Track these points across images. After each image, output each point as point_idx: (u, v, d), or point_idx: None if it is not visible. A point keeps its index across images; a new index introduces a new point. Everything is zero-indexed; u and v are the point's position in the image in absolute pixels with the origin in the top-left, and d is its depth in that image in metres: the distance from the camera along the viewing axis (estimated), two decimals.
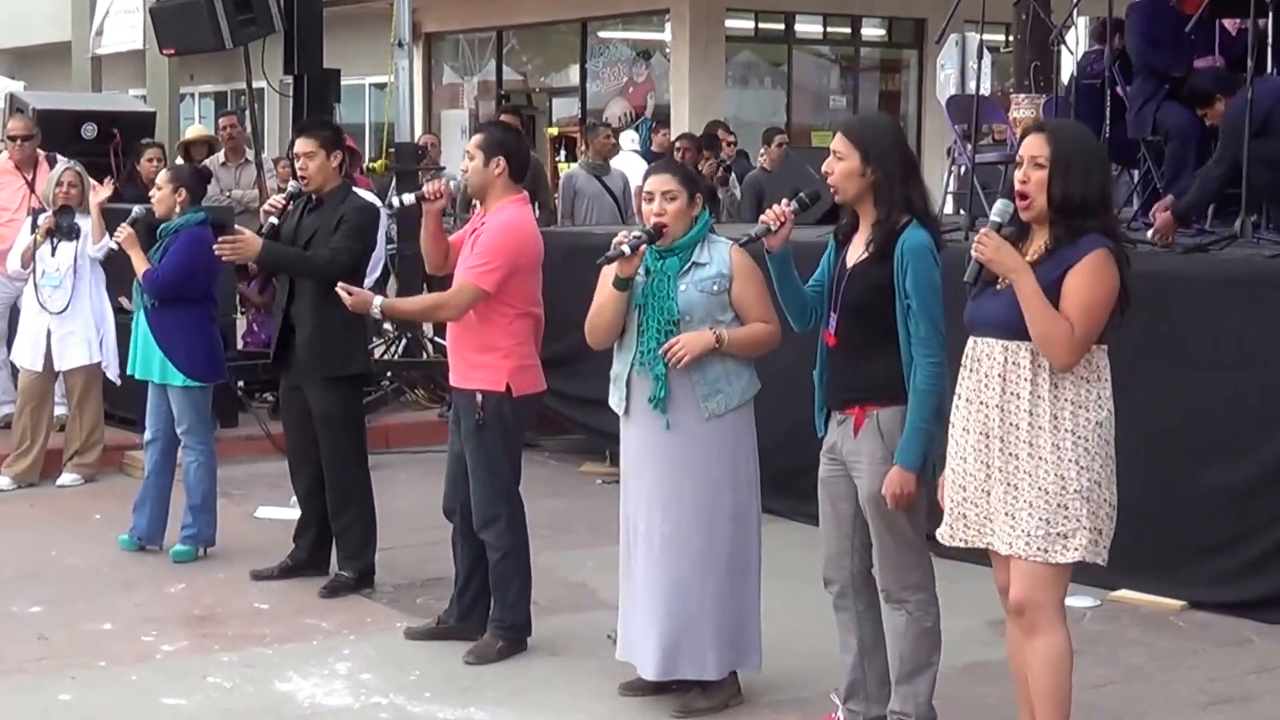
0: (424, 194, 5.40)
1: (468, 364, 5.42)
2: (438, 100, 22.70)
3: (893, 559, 4.41)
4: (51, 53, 25.15)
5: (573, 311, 5.32)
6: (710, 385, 4.77)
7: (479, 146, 5.41)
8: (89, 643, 5.68)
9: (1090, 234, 3.88)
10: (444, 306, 5.56)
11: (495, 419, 5.34)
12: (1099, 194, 3.93)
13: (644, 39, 20.49)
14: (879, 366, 4.35)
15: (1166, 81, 7.65)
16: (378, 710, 5.02)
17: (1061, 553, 3.91)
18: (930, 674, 4.46)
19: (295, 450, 6.37)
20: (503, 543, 5.42)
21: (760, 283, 4.79)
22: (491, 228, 5.37)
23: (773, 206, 4.44)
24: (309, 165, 6.11)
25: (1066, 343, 3.86)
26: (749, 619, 4.92)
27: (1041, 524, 3.90)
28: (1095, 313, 3.88)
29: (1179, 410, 5.93)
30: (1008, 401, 3.95)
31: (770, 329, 4.81)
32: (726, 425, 4.80)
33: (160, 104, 18.41)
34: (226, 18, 9.25)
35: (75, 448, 8.22)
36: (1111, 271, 3.88)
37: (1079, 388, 3.92)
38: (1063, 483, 3.89)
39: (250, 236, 6.06)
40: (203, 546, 6.75)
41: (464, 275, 5.36)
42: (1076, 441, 3.90)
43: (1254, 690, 5.15)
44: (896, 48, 21.20)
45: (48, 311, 7.96)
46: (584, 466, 8.62)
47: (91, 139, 10.10)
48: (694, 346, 4.72)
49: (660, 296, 4.77)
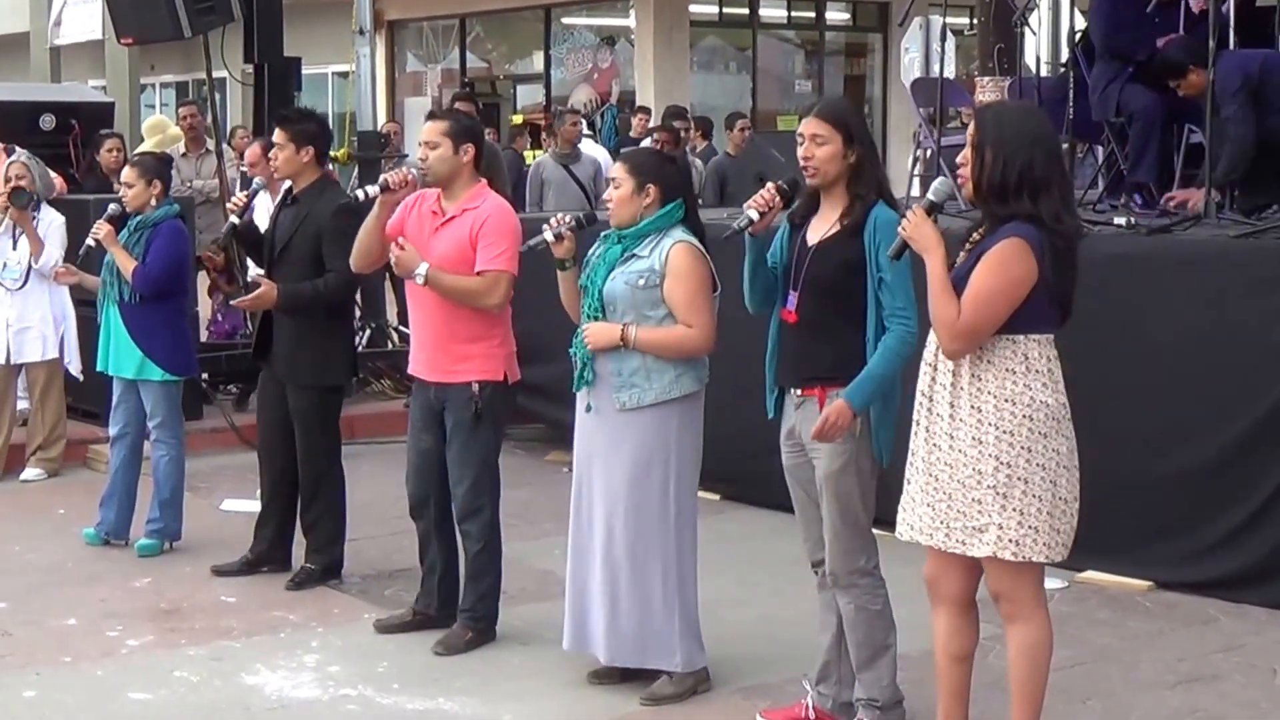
0: (388, 183, 5.33)
1: (456, 355, 5.29)
2: (401, 88, 22.62)
3: (842, 542, 4.43)
4: (9, 44, 24.94)
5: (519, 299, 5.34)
6: (625, 378, 4.76)
7: (444, 134, 5.28)
8: (53, 638, 5.63)
9: (1013, 221, 3.82)
10: (486, 294, 5.20)
11: (492, 409, 5.31)
12: (1020, 180, 3.81)
13: (608, 25, 20.46)
14: (840, 346, 4.35)
15: (1129, 64, 7.66)
16: (346, 702, 5.00)
17: (978, 546, 3.88)
18: (889, 656, 4.50)
19: (266, 440, 6.32)
20: (485, 535, 5.39)
21: (694, 286, 4.73)
22: (494, 213, 5.28)
23: (760, 192, 4.42)
24: (278, 155, 6.08)
25: (948, 328, 3.82)
26: (653, 614, 4.83)
27: (959, 516, 3.89)
28: (988, 302, 3.80)
29: (1143, 390, 5.94)
30: (936, 391, 3.94)
31: (688, 334, 4.73)
32: (643, 420, 4.76)
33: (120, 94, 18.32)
34: (185, 6, 9.18)
35: (38, 442, 8.16)
36: (1018, 261, 3.78)
37: (1003, 380, 3.85)
38: (979, 477, 3.86)
39: (268, 286, 5.96)
40: (169, 540, 6.71)
41: (493, 264, 5.20)
42: (1000, 436, 3.84)
43: (1221, 669, 5.17)
44: (861, 31, 21.24)
45: (6, 289, 7.87)
46: (550, 455, 8.60)
47: (50, 130, 10.02)
48: (598, 337, 4.75)
49: (593, 283, 4.80)
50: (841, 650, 4.60)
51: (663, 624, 4.84)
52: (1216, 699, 4.93)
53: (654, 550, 4.82)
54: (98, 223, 6.62)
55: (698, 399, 4.86)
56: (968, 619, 4.10)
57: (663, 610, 4.83)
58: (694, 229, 4.85)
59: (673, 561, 4.83)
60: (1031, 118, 4.02)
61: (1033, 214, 3.82)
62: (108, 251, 6.63)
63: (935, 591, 4.10)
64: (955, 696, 4.12)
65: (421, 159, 5.34)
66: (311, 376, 6.07)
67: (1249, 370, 5.67)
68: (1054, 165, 3.90)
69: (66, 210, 8.23)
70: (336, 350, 6.18)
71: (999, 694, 4.48)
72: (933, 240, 3.89)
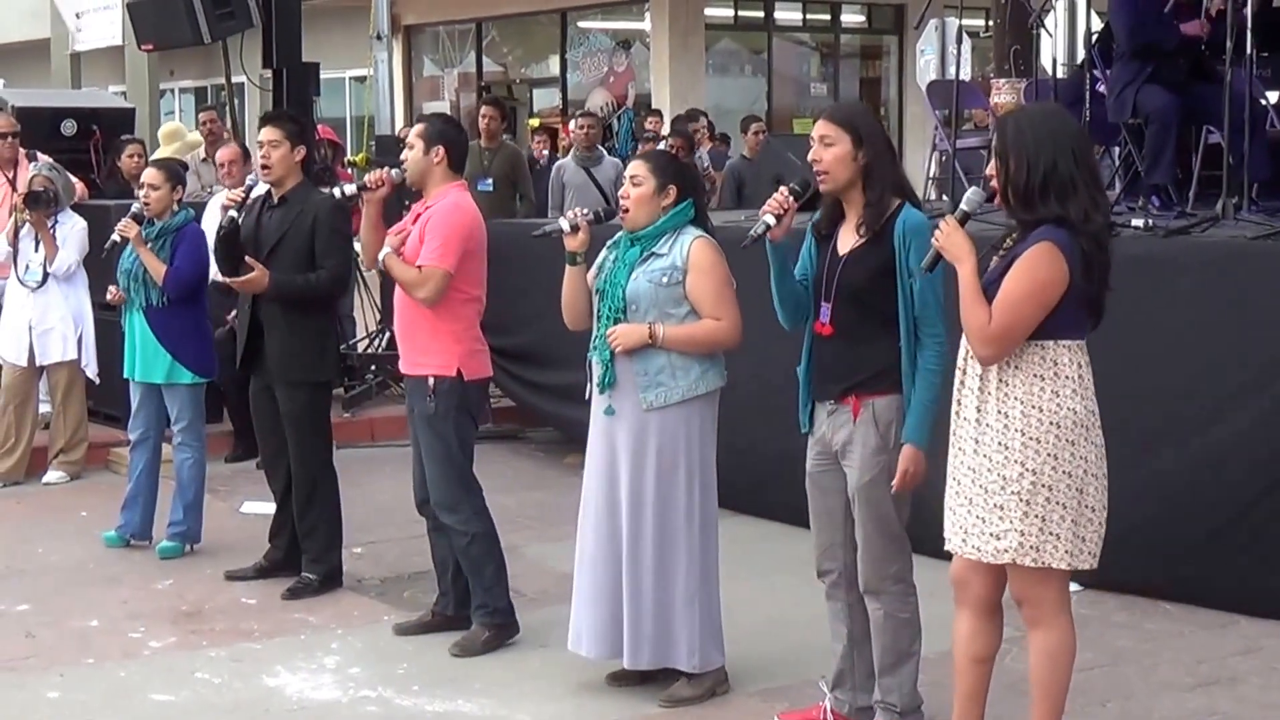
0: (365, 183, 5.43)
1: (418, 349, 5.39)
2: (418, 93, 22.67)
3: (875, 550, 4.41)
4: (31, 50, 25.04)
5: (524, 301, 5.36)
6: (651, 377, 4.76)
7: (419, 136, 5.42)
8: (76, 640, 5.67)
9: (1045, 226, 3.80)
10: (417, 287, 5.32)
11: (448, 404, 5.34)
12: (1044, 183, 3.79)
13: (624, 28, 20.46)
14: (875, 355, 4.33)
15: (1148, 64, 7.65)
16: (366, 703, 5.02)
17: (994, 554, 3.88)
18: (913, 663, 4.49)
19: (268, 449, 6.34)
20: (469, 527, 5.42)
21: (717, 279, 4.75)
22: (440, 210, 5.36)
23: (773, 196, 4.42)
24: (272, 154, 6.05)
25: (979, 333, 3.80)
26: (675, 615, 4.84)
27: (979, 522, 3.88)
28: (1018, 307, 3.78)
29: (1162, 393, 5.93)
30: (964, 396, 3.94)
31: (718, 327, 4.75)
32: (669, 419, 4.77)
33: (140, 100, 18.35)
34: (204, 12, 9.23)
35: (60, 445, 8.21)
36: (1047, 266, 3.77)
37: (1031, 385, 3.84)
38: (1003, 483, 3.84)
39: (259, 271, 6.00)
40: (190, 543, 6.75)
41: (428, 260, 5.30)
42: (1026, 443, 3.83)
43: (1240, 672, 5.17)
44: (876, 34, 21.21)
45: (28, 290, 7.93)
46: (568, 458, 8.61)
47: (71, 136, 10.07)
48: (627, 338, 4.74)
49: (614, 284, 4.80)
50: (854, 659, 4.60)
51: (685, 623, 4.84)
52: (1235, 702, 4.93)
53: (680, 547, 4.82)
54: (125, 221, 6.62)
55: (717, 397, 4.87)
56: (992, 622, 4.09)
57: (685, 609, 4.84)
58: (704, 228, 4.88)
59: (697, 558, 4.84)
60: (1053, 119, 3.97)
61: (1061, 216, 3.80)
62: (126, 252, 6.68)
63: (962, 594, 4.08)
64: (972, 698, 4.12)
65: (401, 160, 5.49)
66: (303, 373, 6.09)
67: (1273, 370, 5.64)
68: (1080, 164, 3.84)
69: (88, 215, 8.28)
70: (325, 347, 6.20)
71: (1016, 696, 4.49)
72: (965, 249, 3.88)
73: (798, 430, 4.58)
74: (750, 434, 5.59)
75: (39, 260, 7.99)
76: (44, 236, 7.92)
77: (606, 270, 4.86)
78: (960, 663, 4.11)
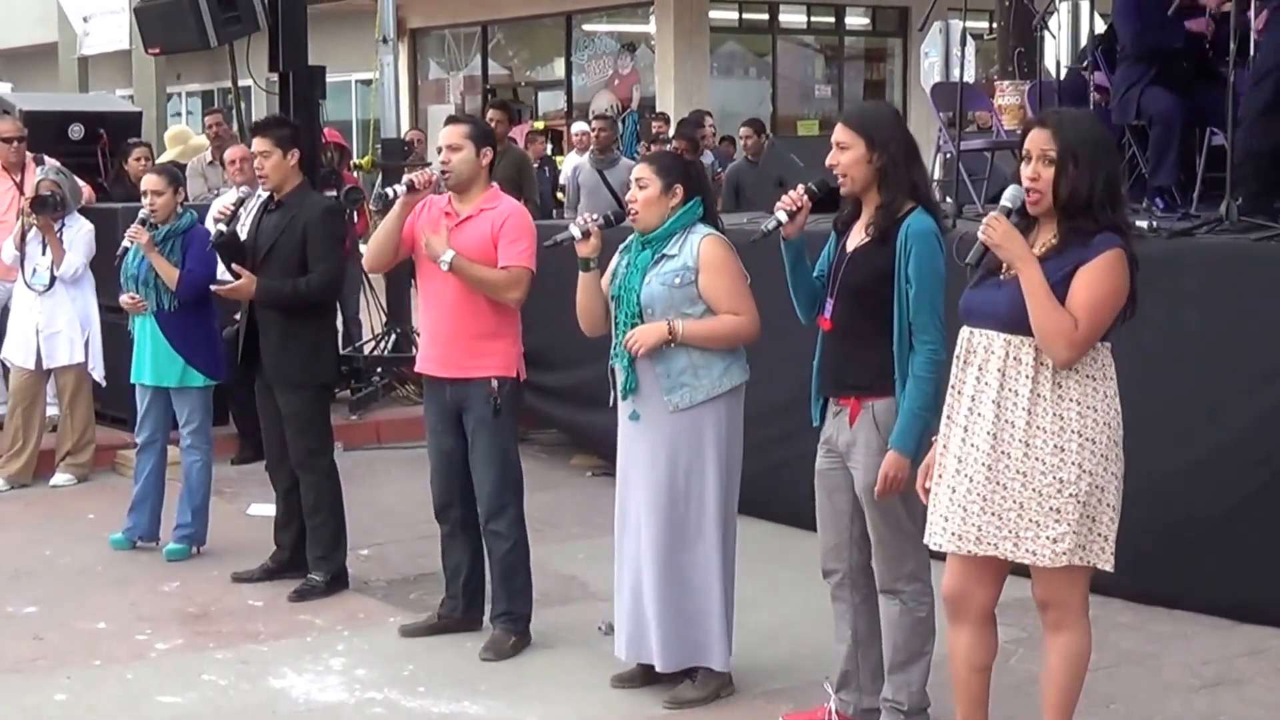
0: (414, 183, 5.36)
1: (472, 352, 5.33)
2: (424, 96, 22.72)
3: (888, 549, 4.41)
4: (38, 54, 25.12)
5: (528, 305, 5.38)
6: (674, 378, 4.76)
7: (468, 137, 5.36)
8: (84, 642, 5.68)
9: (1105, 233, 3.82)
10: (510, 287, 5.26)
11: (509, 405, 5.37)
12: (1106, 189, 3.82)
13: (629, 31, 20.50)
14: (875, 356, 4.33)
15: (1152, 66, 7.66)
16: (372, 705, 5.03)
17: (1051, 557, 3.86)
18: (924, 663, 4.48)
19: (272, 449, 6.36)
20: (514, 532, 5.42)
21: (730, 274, 4.77)
22: (513, 213, 5.38)
23: (789, 192, 4.43)
24: (265, 164, 6.08)
25: (1068, 339, 3.79)
26: (711, 614, 4.85)
27: (1032, 525, 3.85)
28: (1102, 311, 3.81)
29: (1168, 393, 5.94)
30: (1005, 398, 3.87)
31: (739, 321, 4.76)
32: (695, 418, 4.77)
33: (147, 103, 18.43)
34: (211, 16, 9.24)
35: (68, 448, 8.23)
36: (1122, 271, 3.82)
37: (1085, 387, 3.85)
38: (1059, 485, 3.83)
39: (246, 278, 6.01)
40: (196, 545, 6.77)
41: (517, 260, 5.27)
42: (1083, 444, 3.83)
43: (1245, 673, 5.17)
44: (880, 36, 21.24)
45: (35, 294, 7.97)
46: (574, 459, 8.63)
47: (78, 139, 10.10)
48: (647, 339, 4.73)
49: (629, 290, 4.80)
50: (859, 660, 4.60)
51: (720, 622, 4.85)
52: (1240, 703, 4.93)
53: (714, 547, 4.82)
54: (134, 228, 6.64)
55: (742, 392, 4.87)
56: (990, 630, 4.09)
57: (720, 608, 4.85)
58: (714, 226, 4.88)
59: (719, 557, 4.85)
60: (1099, 123, 4.01)
61: (1115, 224, 3.84)
62: (130, 258, 6.69)
63: (961, 607, 4.04)
64: (978, 704, 4.12)
65: (444, 162, 5.37)
66: (300, 376, 6.11)
67: (1276, 371, 5.65)
68: (1120, 173, 3.93)
69: (95, 219, 8.30)
70: (321, 350, 6.21)
71: (1022, 697, 4.50)
72: (1026, 251, 3.84)
73: (801, 430, 4.59)
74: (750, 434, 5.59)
75: (46, 264, 8.01)
76: (51, 240, 7.95)
77: (620, 276, 4.87)
78: (961, 673, 4.10)
